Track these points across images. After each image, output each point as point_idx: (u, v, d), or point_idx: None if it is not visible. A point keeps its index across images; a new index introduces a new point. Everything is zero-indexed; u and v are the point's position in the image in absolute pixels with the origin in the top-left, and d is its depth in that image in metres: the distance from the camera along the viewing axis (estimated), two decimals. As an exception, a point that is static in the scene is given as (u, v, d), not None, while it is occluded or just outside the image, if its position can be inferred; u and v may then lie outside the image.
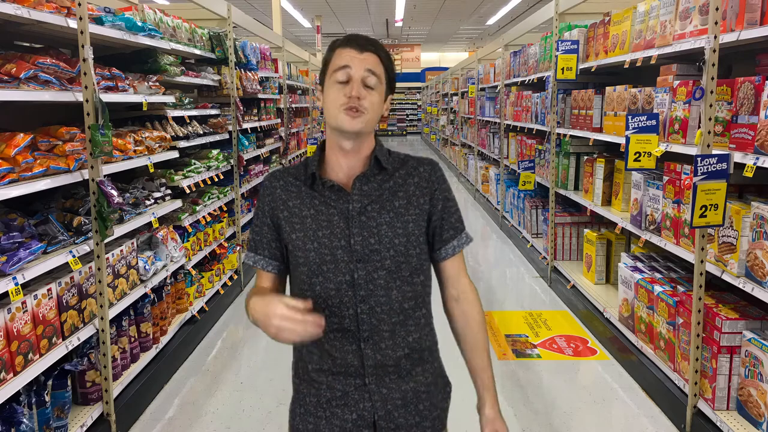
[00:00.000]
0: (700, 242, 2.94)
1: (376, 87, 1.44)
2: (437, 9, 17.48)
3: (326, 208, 1.46)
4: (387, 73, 1.47)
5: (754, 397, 2.69)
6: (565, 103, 5.17)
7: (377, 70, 1.44)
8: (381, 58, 1.45)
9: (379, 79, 1.44)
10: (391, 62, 1.50)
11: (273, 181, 1.54)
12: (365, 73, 1.42)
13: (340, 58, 1.44)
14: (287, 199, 1.50)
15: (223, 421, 3.32)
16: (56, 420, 2.69)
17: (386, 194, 1.48)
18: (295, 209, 1.49)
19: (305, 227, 1.46)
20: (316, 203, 1.48)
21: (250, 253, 1.55)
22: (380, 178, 1.49)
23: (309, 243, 1.45)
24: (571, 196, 5.12)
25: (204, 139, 4.70)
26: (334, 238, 1.44)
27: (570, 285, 4.95)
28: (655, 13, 3.50)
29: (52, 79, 2.69)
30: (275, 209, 1.51)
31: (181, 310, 4.21)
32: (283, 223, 1.49)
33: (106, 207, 2.86)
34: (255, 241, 1.54)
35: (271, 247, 1.53)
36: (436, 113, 18.28)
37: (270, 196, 1.52)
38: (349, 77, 1.42)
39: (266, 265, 1.53)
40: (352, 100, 1.41)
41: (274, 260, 1.53)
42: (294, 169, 1.55)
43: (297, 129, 9.05)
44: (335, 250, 1.44)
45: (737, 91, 2.72)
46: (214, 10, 5.07)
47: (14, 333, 2.40)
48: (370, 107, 1.43)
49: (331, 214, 1.46)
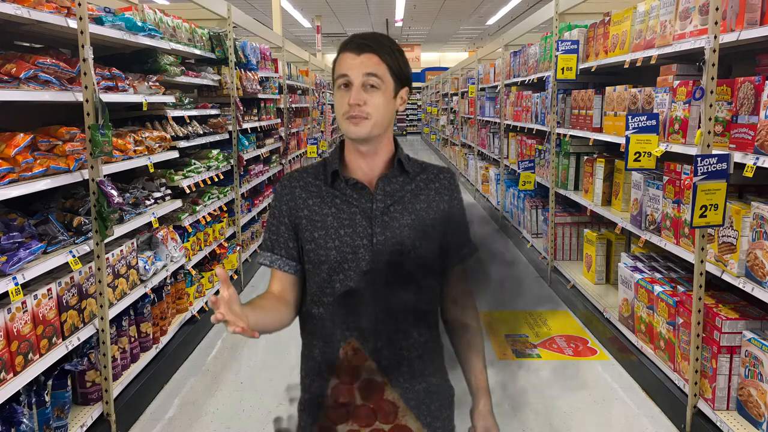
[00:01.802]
0: (700, 242, 2.94)
1: (380, 87, 1.42)
2: (437, 9, 17.47)
3: (348, 206, 1.46)
4: (391, 69, 1.44)
5: (754, 397, 2.69)
6: (565, 103, 5.17)
7: (378, 70, 1.42)
8: (381, 57, 1.43)
9: (381, 78, 1.42)
10: (395, 56, 1.45)
11: (292, 181, 1.52)
12: (364, 77, 1.41)
13: (339, 65, 1.43)
14: (307, 198, 1.49)
15: (223, 421, 3.32)
16: (56, 420, 2.69)
17: (408, 196, 1.48)
18: (315, 207, 1.47)
19: (326, 225, 1.45)
20: (337, 202, 1.47)
21: (266, 252, 1.52)
22: (402, 180, 1.49)
23: (330, 241, 1.44)
24: (571, 196, 5.12)
25: (204, 139, 4.70)
26: (356, 237, 1.44)
27: (570, 285, 4.95)
28: (655, 13, 3.50)
29: (52, 79, 2.69)
30: (294, 209, 1.49)
31: (181, 310, 4.21)
32: (305, 221, 1.47)
33: (106, 207, 2.86)
34: (272, 240, 1.52)
35: (288, 246, 1.50)
36: (436, 113, 18.27)
37: (289, 195, 1.50)
38: (349, 83, 1.42)
39: (283, 265, 1.50)
40: (353, 109, 1.40)
41: (291, 260, 1.51)
42: (312, 169, 1.54)
43: (297, 129, 9.05)
44: (357, 248, 1.43)
45: (737, 91, 2.72)
46: (214, 10, 5.07)
47: (14, 333, 2.40)
48: (374, 111, 1.41)
49: (353, 213, 1.45)
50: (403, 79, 1.48)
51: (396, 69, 1.45)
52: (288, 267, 1.51)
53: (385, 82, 1.43)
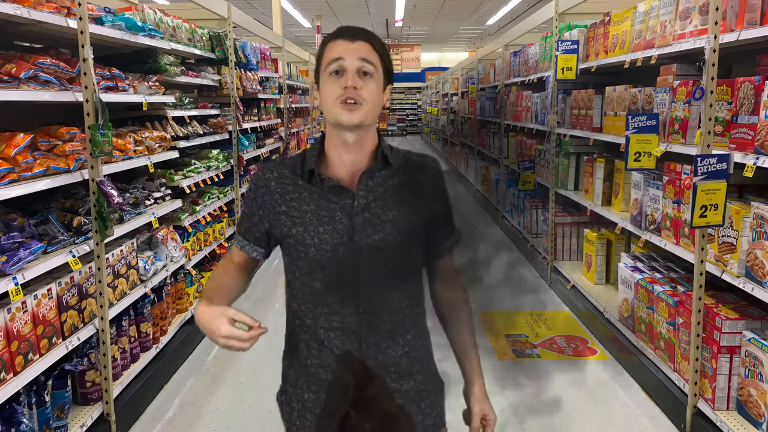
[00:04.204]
0: (700, 242, 2.94)
1: (373, 75, 1.40)
2: (437, 9, 17.47)
3: (327, 203, 1.43)
4: (383, 60, 1.43)
5: (754, 397, 2.69)
6: (565, 103, 5.17)
7: (372, 57, 1.40)
8: (374, 46, 1.42)
9: (375, 66, 1.40)
10: (385, 50, 1.45)
11: (266, 172, 1.50)
12: (359, 62, 1.38)
13: (332, 51, 1.40)
14: (284, 193, 1.46)
15: (223, 421, 3.32)
16: (56, 420, 2.69)
17: (390, 191, 1.45)
18: (293, 203, 1.45)
19: (305, 222, 1.43)
20: (315, 197, 1.44)
21: (239, 236, 1.56)
22: (384, 174, 1.46)
23: (309, 238, 1.42)
24: (571, 196, 5.12)
25: (204, 139, 4.70)
26: (336, 234, 1.41)
27: (570, 285, 4.95)
28: (655, 13, 3.50)
29: (52, 79, 2.69)
30: (270, 202, 1.47)
31: (181, 310, 4.21)
32: (283, 217, 1.45)
33: (106, 207, 2.86)
34: (245, 227, 1.54)
35: (256, 236, 1.53)
36: (436, 113, 18.27)
37: (264, 188, 1.48)
38: (343, 68, 1.38)
39: (252, 251, 1.54)
40: (349, 91, 1.37)
41: (260, 247, 1.54)
42: (290, 161, 1.50)
43: (297, 129, 9.05)
44: (337, 246, 1.41)
45: (737, 91, 2.72)
46: (214, 10, 5.07)
47: (14, 333, 2.40)
48: (369, 97, 1.39)
49: (333, 210, 1.42)
50: (390, 75, 1.47)
51: (386, 62, 1.45)
52: (257, 253, 1.55)
53: (378, 71, 1.42)
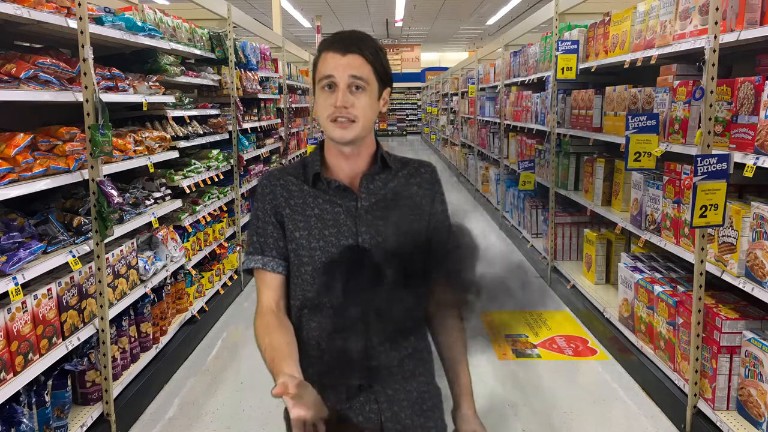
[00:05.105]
0: (700, 242, 2.94)
1: (366, 89, 1.39)
2: (437, 9, 17.47)
3: (331, 206, 1.44)
4: (376, 70, 1.41)
5: (754, 397, 2.69)
6: (565, 103, 5.17)
7: (363, 71, 1.39)
8: (366, 58, 1.40)
9: (366, 80, 1.39)
10: (378, 57, 1.43)
11: (272, 180, 1.50)
12: (350, 79, 1.37)
13: (324, 65, 1.40)
14: (288, 198, 1.47)
15: (223, 421, 3.32)
16: (56, 420, 2.69)
17: (390, 194, 1.47)
18: (297, 208, 1.45)
19: (310, 226, 1.43)
20: (320, 201, 1.45)
21: (256, 256, 1.47)
22: (384, 177, 1.48)
23: (314, 242, 1.42)
24: (571, 196, 5.12)
25: (204, 139, 4.70)
26: (341, 237, 1.42)
27: (570, 285, 4.95)
28: (655, 13, 3.50)
29: (52, 79, 2.69)
30: (277, 207, 1.47)
31: (181, 310, 4.21)
32: (287, 221, 1.45)
33: (106, 207, 2.86)
34: (260, 243, 1.47)
35: (279, 246, 1.46)
36: (436, 113, 18.27)
37: (270, 195, 1.48)
38: (334, 84, 1.38)
39: (276, 266, 1.46)
40: (339, 111, 1.37)
41: (283, 260, 1.47)
42: (292, 169, 1.51)
43: (297, 129, 9.05)
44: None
45: (737, 91, 2.72)
46: (214, 10, 5.07)
47: (14, 333, 2.40)
48: (361, 113, 1.39)
49: (337, 213, 1.43)
50: (386, 79, 1.46)
51: (380, 70, 1.43)
52: (281, 268, 1.47)
53: (370, 83, 1.40)
